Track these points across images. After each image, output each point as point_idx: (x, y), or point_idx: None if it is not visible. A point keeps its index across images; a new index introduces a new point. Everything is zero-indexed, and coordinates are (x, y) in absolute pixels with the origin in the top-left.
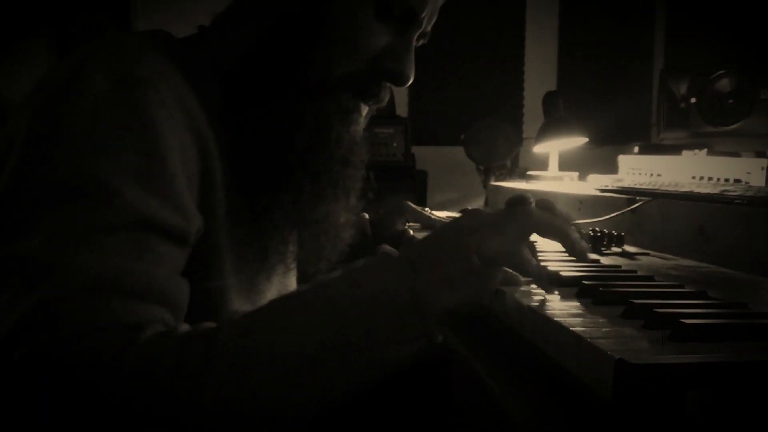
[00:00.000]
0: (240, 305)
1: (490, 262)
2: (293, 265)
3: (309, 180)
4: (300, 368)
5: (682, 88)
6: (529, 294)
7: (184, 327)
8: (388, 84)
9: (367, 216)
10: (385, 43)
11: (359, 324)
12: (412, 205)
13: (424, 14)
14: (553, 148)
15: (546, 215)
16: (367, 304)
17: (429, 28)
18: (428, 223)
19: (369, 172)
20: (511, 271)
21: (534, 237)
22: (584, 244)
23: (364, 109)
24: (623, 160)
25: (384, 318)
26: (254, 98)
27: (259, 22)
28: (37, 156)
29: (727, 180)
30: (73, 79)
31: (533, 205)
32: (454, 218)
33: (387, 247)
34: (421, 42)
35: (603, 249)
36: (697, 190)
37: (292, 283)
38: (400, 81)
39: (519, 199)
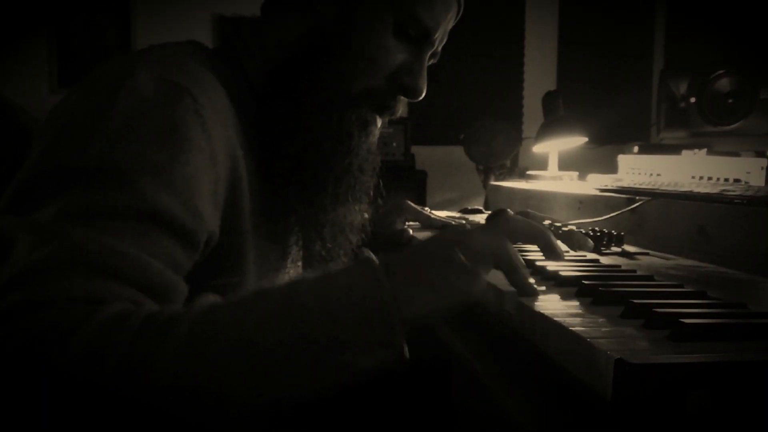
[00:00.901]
0: None
1: (477, 257)
2: (300, 263)
3: (332, 182)
4: (256, 361)
5: (682, 88)
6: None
7: (153, 307)
8: (402, 97)
9: (367, 215)
10: (401, 61)
11: (322, 324)
12: (412, 204)
13: (436, 36)
14: (552, 147)
15: (524, 220)
16: (332, 305)
17: (440, 48)
18: (428, 223)
19: (380, 180)
20: (527, 281)
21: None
22: (559, 248)
23: (380, 121)
24: (623, 159)
25: (348, 321)
26: (284, 109)
27: (286, 37)
28: (74, 137)
29: (726, 180)
30: (120, 79)
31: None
32: (441, 232)
33: (367, 252)
34: (431, 61)
35: (603, 249)
36: (696, 189)
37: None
38: (414, 95)
39: (498, 212)
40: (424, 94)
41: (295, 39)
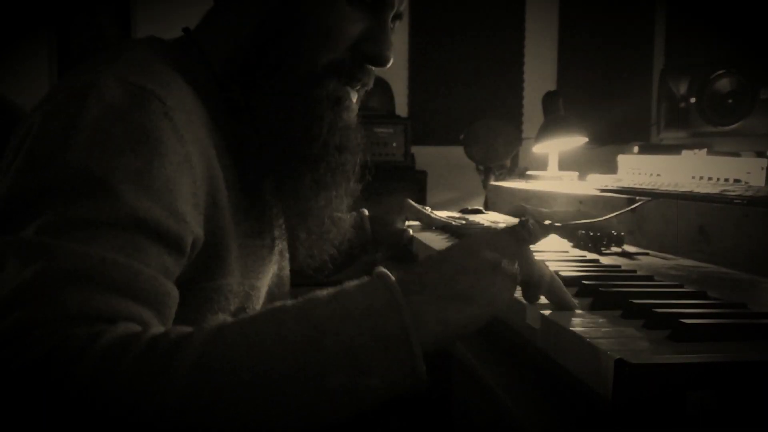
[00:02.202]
0: (240, 292)
1: (510, 262)
2: (287, 255)
3: (308, 169)
4: (268, 387)
5: (682, 88)
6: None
7: (159, 328)
8: (371, 67)
9: (367, 213)
10: (362, 29)
11: (338, 353)
12: (413, 203)
13: None
14: (552, 147)
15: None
16: (349, 332)
17: (402, 8)
18: (428, 222)
19: (366, 155)
20: (564, 296)
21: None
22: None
23: (354, 95)
24: (623, 160)
25: (365, 349)
26: (247, 96)
27: (242, 23)
28: (46, 152)
29: (726, 180)
30: (85, 87)
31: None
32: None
33: (383, 270)
34: (396, 23)
35: (603, 249)
36: (696, 190)
37: (286, 270)
38: (380, 62)
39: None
40: (391, 61)
41: (250, 23)
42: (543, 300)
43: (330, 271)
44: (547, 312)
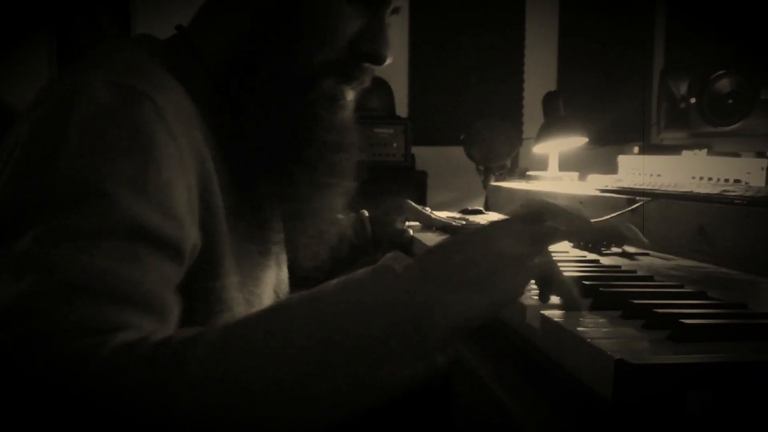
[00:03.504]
0: (240, 299)
1: (526, 250)
2: (284, 255)
3: (304, 170)
4: (280, 387)
5: (682, 88)
6: (529, 294)
7: (161, 333)
8: (369, 65)
9: (367, 214)
10: (359, 26)
11: (347, 335)
12: (413, 203)
13: None
14: (553, 148)
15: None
16: (358, 312)
17: (399, 2)
18: (428, 223)
19: (362, 154)
20: (575, 296)
21: None
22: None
23: (349, 93)
24: (623, 160)
25: (380, 334)
26: (242, 96)
27: (237, 20)
28: (37, 160)
29: (726, 180)
30: (76, 89)
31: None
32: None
33: (394, 256)
34: (394, 16)
35: (603, 249)
36: (696, 190)
37: (284, 272)
38: (378, 61)
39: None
40: (389, 59)
41: (245, 20)
42: (535, 290)
43: (329, 272)
44: (547, 312)
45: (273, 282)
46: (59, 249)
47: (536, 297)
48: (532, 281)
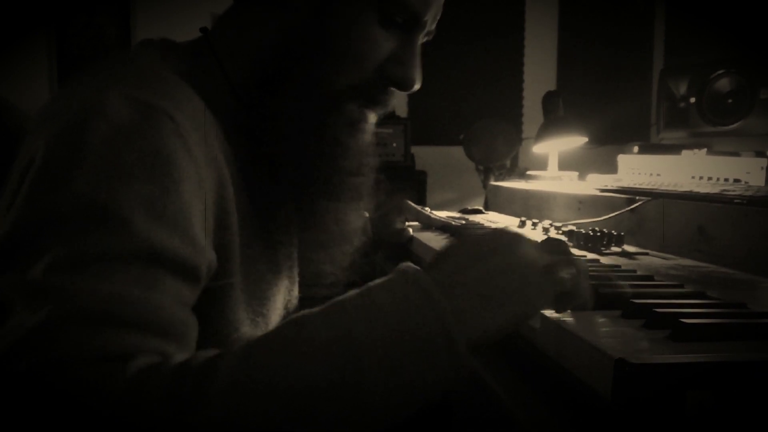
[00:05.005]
0: (247, 304)
1: (555, 271)
2: (296, 265)
3: (323, 193)
4: (306, 409)
5: (682, 88)
6: None
7: (180, 357)
8: (395, 90)
9: (367, 215)
10: (390, 50)
11: (380, 363)
12: (412, 204)
13: (427, 17)
14: (552, 147)
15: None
16: (390, 339)
17: (433, 26)
18: (428, 222)
19: (380, 176)
20: (588, 299)
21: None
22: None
23: (371, 117)
24: (623, 159)
25: (409, 356)
26: (266, 113)
27: (265, 34)
28: (52, 182)
29: (726, 180)
30: (92, 107)
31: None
32: (483, 233)
33: (409, 265)
34: (425, 39)
35: (603, 249)
36: (696, 189)
37: (296, 290)
38: (406, 87)
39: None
40: (418, 85)
41: (272, 36)
42: None
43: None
44: (547, 312)
45: (283, 301)
46: (75, 276)
47: None
48: None
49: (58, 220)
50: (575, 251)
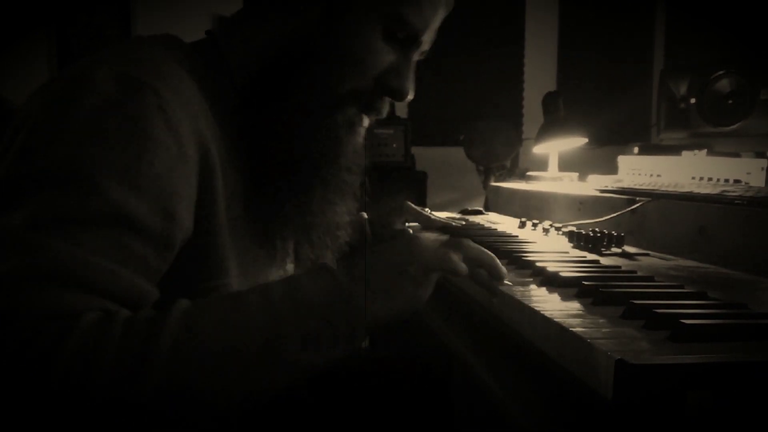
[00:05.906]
0: None
1: (427, 269)
2: (292, 263)
3: (320, 186)
4: (239, 364)
5: (682, 88)
6: (529, 295)
7: (127, 312)
8: (389, 99)
9: (366, 216)
10: (389, 63)
11: (295, 327)
12: (412, 205)
13: (425, 36)
14: (552, 148)
15: (477, 247)
16: (304, 308)
17: (428, 47)
18: (428, 223)
19: (365, 177)
20: (494, 264)
21: (534, 238)
22: (503, 270)
23: (366, 121)
24: (623, 160)
25: (318, 322)
26: (269, 111)
27: (273, 33)
28: (37, 144)
29: (726, 180)
30: (81, 79)
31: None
32: (393, 241)
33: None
34: (418, 58)
35: (603, 249)
36: (696, 190)
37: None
38: (400, 97)
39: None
40: (411, 96)
41: (280, 39)
42: (536, 291)
43: None
44: (548, 312)
45: None
46: (45, 235)
47: (534, 297)
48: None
49: (39, 179)
50: (576, 252)
